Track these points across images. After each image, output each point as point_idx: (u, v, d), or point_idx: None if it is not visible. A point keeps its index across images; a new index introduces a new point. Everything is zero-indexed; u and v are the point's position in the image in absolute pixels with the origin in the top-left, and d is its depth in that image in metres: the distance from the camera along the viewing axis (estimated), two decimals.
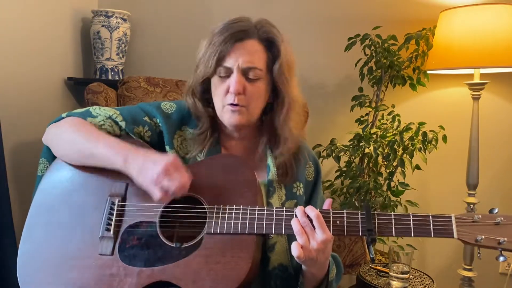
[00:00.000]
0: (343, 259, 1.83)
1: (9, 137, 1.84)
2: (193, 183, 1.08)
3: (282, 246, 1.16)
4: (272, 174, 1.20)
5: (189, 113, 1.23)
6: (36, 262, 1.09)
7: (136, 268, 1.04)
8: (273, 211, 1.04)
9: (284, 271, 1.14)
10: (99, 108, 1.21)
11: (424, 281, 1.72)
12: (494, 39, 1.79)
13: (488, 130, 2.08)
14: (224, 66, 1.12)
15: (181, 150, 1.21)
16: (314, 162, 1.29)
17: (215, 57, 1.12)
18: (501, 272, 2.17)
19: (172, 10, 2.42)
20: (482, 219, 1.00)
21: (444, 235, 1.00)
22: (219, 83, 1.14)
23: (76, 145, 1.14)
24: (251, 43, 1.14)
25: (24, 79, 1.98)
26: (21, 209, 1.88)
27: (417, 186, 2.08)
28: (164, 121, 1.20)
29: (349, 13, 2.24)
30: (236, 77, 1.11)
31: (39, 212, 1.15)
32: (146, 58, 2.46)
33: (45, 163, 1.23)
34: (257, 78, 1.14)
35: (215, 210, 1.06)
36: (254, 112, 1.16)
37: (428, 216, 1.01)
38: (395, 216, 1.01)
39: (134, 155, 1.06)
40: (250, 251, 1.01)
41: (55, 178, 1.18)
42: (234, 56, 1.12)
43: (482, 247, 1.00)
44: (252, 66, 1.12)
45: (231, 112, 1.13)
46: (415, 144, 1.88)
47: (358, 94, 2.09)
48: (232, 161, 1.12)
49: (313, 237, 0.99)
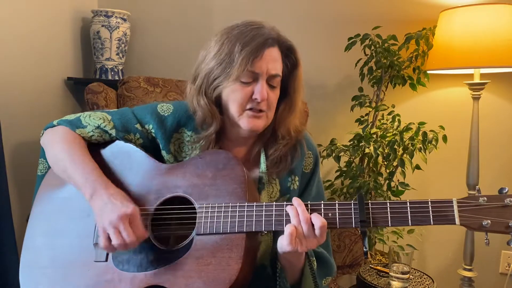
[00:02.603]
0: (343, 259, 1.83)
1: (9, 137, 1.84)
2: (183, 183, 1.08)
3: (267, 246, 1.15)
4: (262, 171, 1.18)
5: (186, 115, 1.20)
6: (36, 269, 1.12)
7: (130, 274, 1.05)
8: (262, 208, 1.03)
9: (263, 271, 1.13)
10: (89, 117, 1.20)
11: (424, 281, 1.71)
12: (494, 39, 1.79)
13: (488, 130, 2.08)
14: (251, 71, 1.08)
15: (178, 154, 1.19)
16: (314, 153, 1.26)
17: (246, 61, 1.07)
18: (501, 272, 2.17)
19: (172, 10, 2.42)
20: (489, 201, 0.90)
21: (445, 222, 0.92)
22: (240, 88, 1.10)
23: (59, 161, 1.15)
24: (275, 50, 1.12)
25: (24, 79, 1.98)
26: (21, 209, 1.88)
27: (417, 186, 2.08)
28: (159, 126, 1.18)
29: (349, 13, 2.24)
30: (264, 84, 1.10)
31: (37, 222, 1.17)
32: (146, 58, 2.46)
33: (44, 163, 1.24)
34: (276, 85, 1.14)
35: (204, 209, 1.05)
36: (271, 118, 1.16)
37: (426, 202, 0.94)
38: (390, 204, 0.97)
39: (101, 192, 1.06)
40: (240, 250, 1.00)
41: (51, 187, 1.20)
42: (264, 63, 1.09)
43: (489, 232, 0.90)
44: (277, 74, 1.12)
45: (253, 117, 1.11)
46: (415, 144, 1.87)
47: (358, 94, 2.09)
48: (221, 158, 1.10)
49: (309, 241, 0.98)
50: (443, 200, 0.93)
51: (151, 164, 1.15)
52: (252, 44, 1.08)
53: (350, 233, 1.79)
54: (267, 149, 1.20)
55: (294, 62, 1.17)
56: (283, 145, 1.18)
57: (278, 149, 1.18)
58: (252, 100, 1.10)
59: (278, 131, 1.19)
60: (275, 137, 1.19)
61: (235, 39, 1.09)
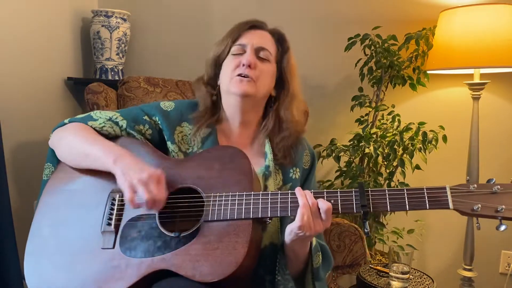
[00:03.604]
0: (343, 259, 1.83)
1: (9, 137, 1.84)
2: (190, 175, 1.12)
3: (274, 225, 1.19)
4: (269, 159, 1.24)
5: (188, 110, 1.28)
6: (42, 256, 1.12)
7: (137, 259, 1.06)
8: (268, 196, 1.07)
9: (274, 251, 1.17)
10: (99, 112, 1.26)
11: (424, 281, 1.71)
12: (494, 39, 1.79)
13: (488, 130, 2.08)
14: (239, 44, 1.23)
15: (182, 145, 1.25)
16: (311, 152, 1.35)
17: (231, 36, 1.24)
18: (501, 272, 2.17)
19: (172, 10, 2.42)
20: (478, 189, 0.98)
21: (440, 207, 0.99)
22: (231, 60, 1.23)
23: (74, 148, 1.18)
24: (264, 33, 1.28)
25: (24, 79, 1.98)
26: (21, 209, 1.88)
27: (417, 186, 2.08)
28: (164, 118, 1.25)
29: (349, 13, 2.24)
30: (249, 52, 1.22)
31: (46, 211, 1.18)
32: (146, 58, 2.46)
33: (50, 168, 1.27)
34: (267, 59, 1.24)
35: (211, 198, 1.08)
36: (260, 88, 1.22)
37: (422, 189, 1.01)
38: (389, 191, 1.03)
39: (125, 157, 1.10)
40: (247, 235, 1.02)
41: (60, 180, 1.21)
42: (249, 36, 1.24)
43: (479, 216, 0.97)
44: (264, 47, 1.24)
45: (240, 81, 1.20)
46: (415, 144, 1.88)
47: (358, 94, 2.09)
48: (228, 152, 1.14)
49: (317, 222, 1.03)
50: (437, 187, 1.00)
51: (159, 157, 1.19)
52: (239, 23, 1.27)
53: (350, 233, 1.79)
54: (273, 139, 1.27)
55: (285, 47, 1.29)
56: (287, 135, 1.26)
57: (284, 138, 1.26)
58: (240, 67, 1.20)
59: (282, 119, 1.26)
60: (280, 126, 1.27)
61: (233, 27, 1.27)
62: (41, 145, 1.26)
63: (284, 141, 1.26)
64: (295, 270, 1.16)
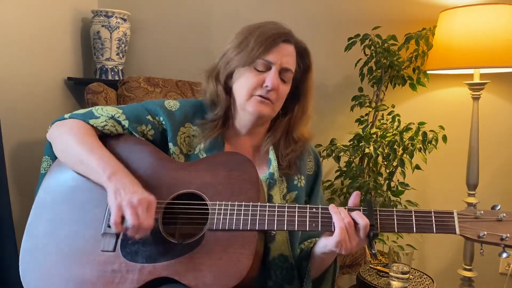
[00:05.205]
0: (343, 259, 1.83)
1: (9, 137, 1.84)
2: (195, 180, 1.10)
3: (283, 236, 1.17)
4: (273, 167, 1.22)
5: (192, 111, 1.25)
6: (38, 257, 1.10)
7: (138, 264, 1.04)
8: (275, 208, 1.05)
9: (284, 261, 1.16)
10: (101, 109, 1.22)
11: (424, 281, 1.71)
12: (494, 39, 1.79)
13: (488, 130, 2.08)
14: (265, 60, 1.15)
15: (184, 147, 1.22)
16: (315, 157, 1.32)
17: (261, 48, 1.14)
18: (501, 272, 2.16)
19: (172, 10, 2.42)
20: (484, 215, 1.00)
21: (447, 231, 1.00)
22: (253, 75, 1.16)
23: (70, 150, 1.15)
24: (291, 47, 1.20)
25: (24, 79, 1.98)
26: (21, 209, 1.88)
27: (417, 186, 2.08)
28: (168, 118, 1.21)
29: (349, 13, 2.24)
30: (275, 74, 1.15)
31: (42, 209, 1.15)
32: (146, 58, 2.46)
33: (48, 161, 1.24)
34: (287, 81, 1.19)
35: (217, 206, 1.06)
36: (276, 110, 1.21)
37: (430, 212, 1.02)
38: (397, 212, 1.03)
39: (121, 176, 1.07)
40: (252, 247, 1.01)
41: (57, 176, 1.18)
42: (278, 54, 1.16)
43: (484, 243, 0.99)
44: (290, 68, 1.18)
45: (260, 102, 1.16)
46: (415, 144, 1.88)
47: (358, 94, 2.09)
48: (235, 159, 1.12)
49: (354, 239, 1.01)
50: (445, 211, 1.02)
51: (163, 159, 1.17)
52: (270, 34, 1.16)
53: None
54: (278, 149, 1.24)
55: (307, 65, 1.24)
56: (297, 149, 1.24)
57: (293, 151, 1.24)
58: (262, 88, 1.15)
59: (293, 133, 1.24)
60: (288, 140, 1.25)
61: (254, 29, 1.18)
62: (41, 145, 1.25)
63: (292, 153, 1.24)
64: (315, 273, 1.16)
